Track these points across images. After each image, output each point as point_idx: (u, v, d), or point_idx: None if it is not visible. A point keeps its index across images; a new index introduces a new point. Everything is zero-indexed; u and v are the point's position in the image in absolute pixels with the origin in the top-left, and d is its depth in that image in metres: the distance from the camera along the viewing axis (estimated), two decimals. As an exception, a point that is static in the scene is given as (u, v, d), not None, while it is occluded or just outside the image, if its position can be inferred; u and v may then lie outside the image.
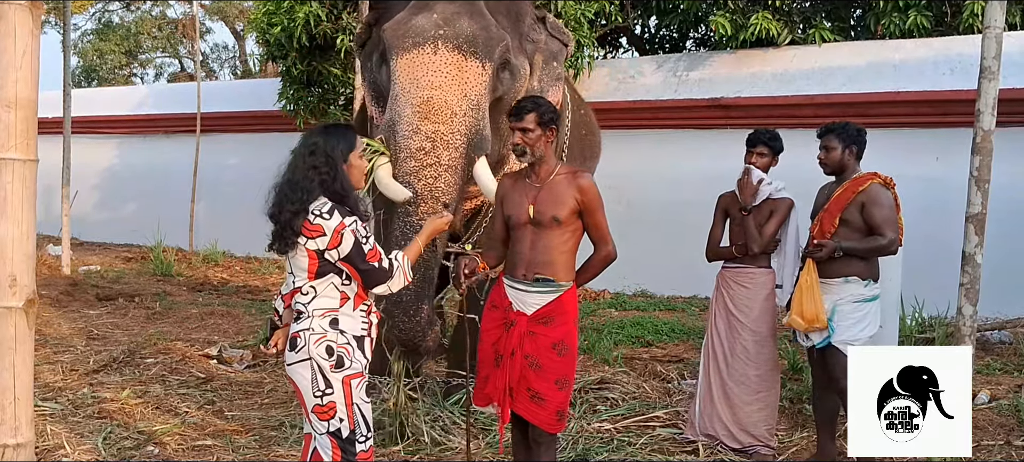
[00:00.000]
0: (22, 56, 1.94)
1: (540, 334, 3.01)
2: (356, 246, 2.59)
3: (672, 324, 6.70)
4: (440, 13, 3.85)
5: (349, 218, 2.60)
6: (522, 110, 3.08)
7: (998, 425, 4.20)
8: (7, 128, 1.93)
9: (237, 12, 21.19)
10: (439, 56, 3.71)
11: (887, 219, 3.62)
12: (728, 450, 3.99)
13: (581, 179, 3.09)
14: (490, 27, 3.88)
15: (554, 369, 3.00)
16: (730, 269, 4.11)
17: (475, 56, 3.75)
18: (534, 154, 3.08)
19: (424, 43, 3.74)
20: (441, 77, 3.69)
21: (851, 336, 3.61)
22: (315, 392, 2.58)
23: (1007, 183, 6.26)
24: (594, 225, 3.10)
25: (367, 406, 2.68)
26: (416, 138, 3.61)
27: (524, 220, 3.09)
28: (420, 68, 3.72)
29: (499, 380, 3.04)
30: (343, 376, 2.60)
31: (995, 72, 4.72)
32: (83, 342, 6.02)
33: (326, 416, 2.59)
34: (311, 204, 2.60)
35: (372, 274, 2.62)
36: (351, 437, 2.62)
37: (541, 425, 3.03)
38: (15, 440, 2.02)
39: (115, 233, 12.67)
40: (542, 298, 3.03)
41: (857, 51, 8.21)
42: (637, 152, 8.48)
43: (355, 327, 2.67)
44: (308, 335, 2.59)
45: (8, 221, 1.95)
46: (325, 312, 2.62)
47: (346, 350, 2.62)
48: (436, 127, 3.61)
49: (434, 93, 3.66)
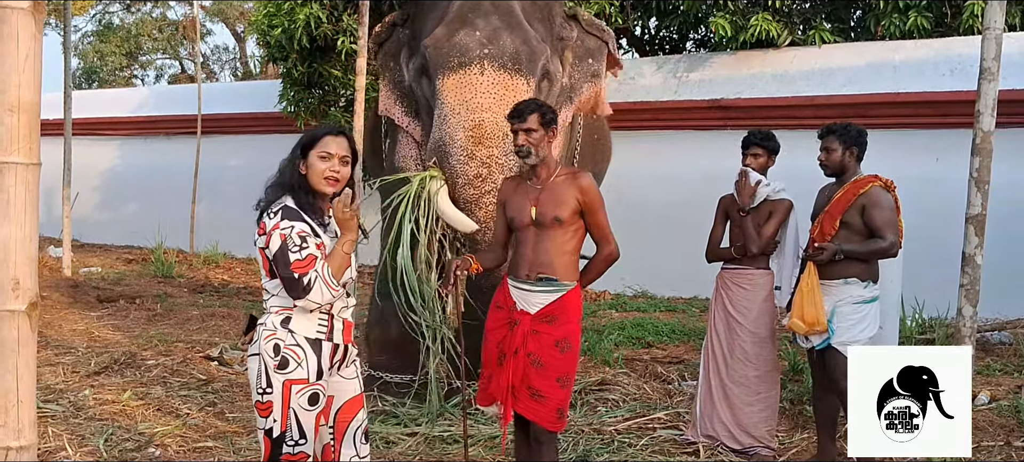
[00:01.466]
0: (25, 60, 1.94)
1: (544, 332, 3.03)
2: (281, 250, 2.49)
3: (673, 325, 6.70)
4: (482, 30, 3.86)
5: (287, 222, 2.51)
6: (524, 111, 3.09)
7: (998, 426, 4.21)
8: (10, 132, 1.93)
9: (238, 14, 21.21)
10: (487, 76, 3.73)
11: (888, 222, 3.62)
12: (729, 451, 3.99)
13: (581, 179, 3.11)
14: (531, 40, 3.89)
15: (556, 367, 3.02)
16: (729, 270, 4.11)
17: (520, 74, 3.78)
18: (537, 154, 3.09)
19: (470, 63, 3.76)
20: (490, 98, 3.71)
21: (851, 337, 3.62)
22: (257, 388, 2.56)
23: (1007, 184, 6.27)
24: (596, 224, 3.11)
25: (307, 414, 2.57)
26: (472, 164, 3.64)
27: (527, 222, 3.11)
28: (468, 89, 3.73)
29: (502, 379, 3.05)
30: (285, 379, 2.53)
31: (995, 73, 4.72)
32: (84, 344, 6.02)
33: (263, 413, 2.56)
34: (274, 202, 2.57)
35: (289, 282, 2.49)
36: (280, 439, 2.57)
37: (542, 423, 3.04)
38: (18, 443, 2.02)
39: (116, 235, 12.68)
40: (546, 297, 3.05)
41: (857, 52, 8.22)
42: (637, 153, 8.48)
43: (309, 329, 2.57)
44: (261, 330, 2.58)
45: (11, 224, 1.95)
46: (279, 310, 2.58)
47: (293, 351, 2.53)
48: (490, 151, 3.64)
49: (485, 116, 3.69)
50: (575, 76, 4.37)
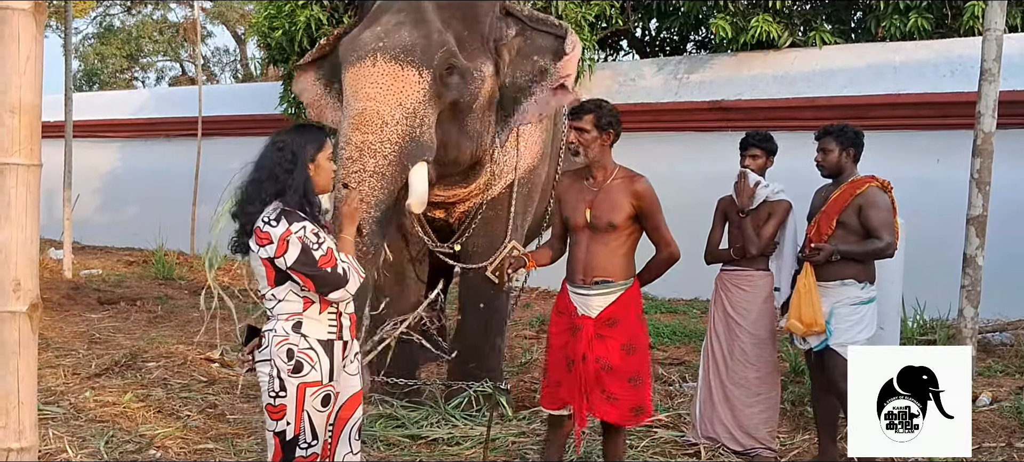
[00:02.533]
0: (26, 61, 1.94)
1: (608, 337, 3.06)
2: (304, 252, 2.51)
3: (673, 327, 6.70)
4: (384, 25, 3.91)
5: (297, 224, 2.52)
6: (581, 110, 3.15)
7: (999, 427, 4.20)
8: (11, 133, 1.93)
9: (238, 16, 21.21)
10: (378, 68, 3.78)
11: (884, 222, 3.62)
12: (730, 452, 3.99)
13: (637, 184, 3.12)
14: (431, 35, 3.89)
15: (626, 369, 3.07)
16: (728, 272, 4.11)
17: (412, 65, 3.78)
18: (588, 156, 3.13)
19: (365, 56, 3.82)
20: (377, 88, 3.75)
21: (849, 338, 3.62)
22: (270, 392, 2.58)
23: (1008, 185, 6.26)
24: (654, 228, 3.15)
25: (319, 415, 2.62)
26: (347, 148, 3.69)
27: (581, 223, 3.15)
28: (361, 80, 3.80)
29: (572, 385, 3.09)
30: (299, 382, 2.57)
31: (995, 74, 4.72)
32: (85, 346, 6.02)
33: (276, 416, 2.59)
34: (265, 209, 2.56)
35: (324, 279, 2.53)
36: (293, 441, 2.61)
37: (617, 421, 3.14)
38: (19, 444, 2.02)
39: (116, 237, 12.67)
40: (604, 300, 3.08)
41: (857, 53, 8.21)
42: (637, 154, 8.37)
43: (321, 331, 2.61)
44: (272, 336, 2.59)
45: (12, 226, 1.95)
46: (289, 316, 2.60)
47: (308, 355, 2.57)
48: (364, 137, 3.67)
49: (368, 104, 3.73)
50: (519, 76, 4.30)
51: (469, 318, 4.71)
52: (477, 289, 4.60)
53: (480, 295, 4.62)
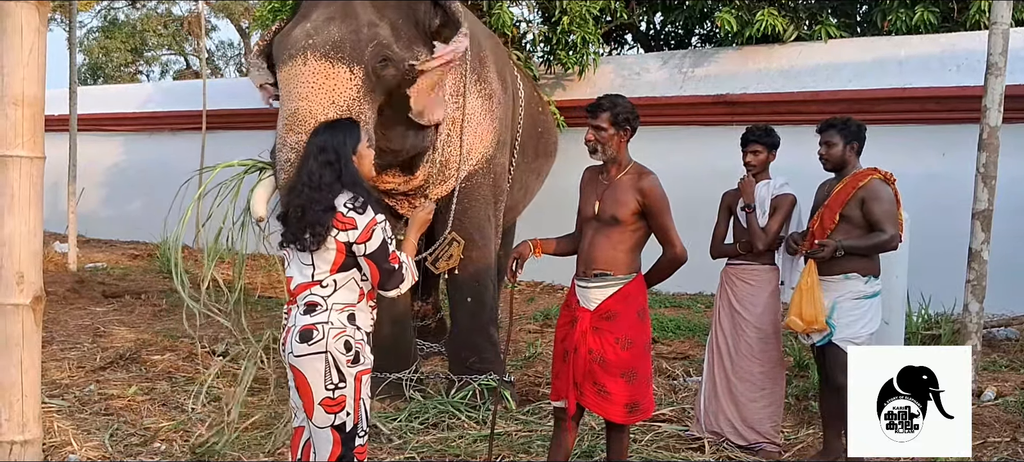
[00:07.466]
0: (29, 54, 1.95)
1: (604, 330, 3.06)
2: (383, 245, 2.64)
3: (677, 321, 6.69)
4: (313, 21, 3.82)
5: (380, 216, 2.65)
6: (598, 108, 3.16)
7: (1004, 422, 4.20)
8: (14, 126, 1.94)
9: (242, 9, 21.19)
10: (308, 66, 3.69)
11: (887, 214, 3.61)
12: (734, 447, 3.99)
13: (644, 181, 3.11)
14: (360, 29, 3.81)
15: (620, 363, 3.05)
16: (734, 266, 4.10)
17: (342, 62, 3.70)
18: (605, 153, 3.14)
19: (296, 54, 3.73)
20: (307, 88, 3.67)
21: (852, 333, 3.61)
22: (327, 385, 2.60)
23: (1013, 179, 6.24)
24: (658, 227, 3.13)
25: (369, 402, 2.75)
26: (283, 151, 3.61)
27: (590, 215, 3.18)
28: (292, 80, 3.72)
29: (565, 375, 3.10)
30: (357, 371, 2.65)
31: (1001, 68, 4.70)
32: (89, 339, 6.04)
33: (334, 409, 2.62)
34: (337, 198, 2.63)
35: (392, 275, 2.66)
36: (354, 431, 2.66)
37: (609, 417, 3.10)
38: (23, 436, 2.03)
39: (121, 230, 12.68)
40: (603, 292, 3.08)
41: (863, 47, 8.18)
42: (642, 149, 8.37)
43: (367, 323, 2.74)
44: (326, 328, 2.61)
45: (15, 218, 1.96)
46: (343, 307, 2.65)
47: (361, 346, 2.67)
48: (299, 137, 3.54)
49: (300, 104, 3.65)
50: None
51: (459, 314, 4.75)
52: (462, 284, 4.62)
53: (465, 290, 4.63)
